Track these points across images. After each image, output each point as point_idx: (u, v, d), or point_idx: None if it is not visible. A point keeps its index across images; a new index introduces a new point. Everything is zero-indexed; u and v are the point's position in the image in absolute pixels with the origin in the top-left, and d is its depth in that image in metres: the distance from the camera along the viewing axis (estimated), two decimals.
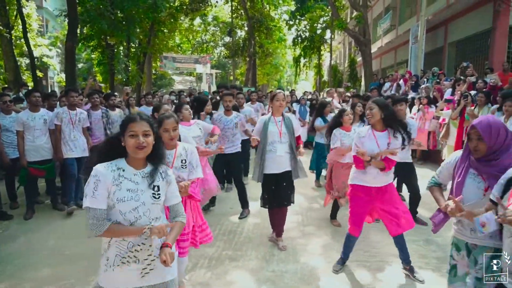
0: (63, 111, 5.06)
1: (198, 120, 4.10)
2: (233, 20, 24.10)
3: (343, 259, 3.49)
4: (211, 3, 21.68)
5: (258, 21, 22.42)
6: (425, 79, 10.85)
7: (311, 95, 12.25)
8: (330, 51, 26.93)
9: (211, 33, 30.92)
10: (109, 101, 6.33)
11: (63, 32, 20.14)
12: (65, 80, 11.27)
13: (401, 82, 11.12)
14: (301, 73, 31.62)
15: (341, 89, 12.02)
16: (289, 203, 3.92)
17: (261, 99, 10.54)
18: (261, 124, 3.85)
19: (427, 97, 7.90)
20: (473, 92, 7.00)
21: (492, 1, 10.68)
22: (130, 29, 12.83)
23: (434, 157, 7.87)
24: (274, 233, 4.08)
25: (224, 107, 5.00)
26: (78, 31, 11.25)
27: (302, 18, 24.91)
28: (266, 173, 3.81)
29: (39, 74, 16.72)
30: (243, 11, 22.65)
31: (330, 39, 26.64)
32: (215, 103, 6.59)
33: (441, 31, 14.33)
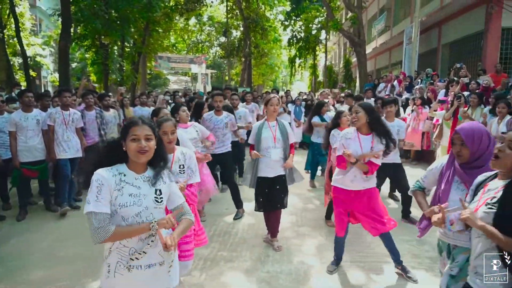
0: (56, 111, 5.02)
1: (196, 123, 4.09)
2: (228, 20, 24.09)
3: (336, 260, 3.51)
4: (206, 3, 21.66)
5: (254, 21, 22.43)
6: (419, 80, 10.94)
7: (306, 95, 12.28)
8: (325, 51, 27.07)
9: (206, 33, 30.92)
10: (103, 101, 6.32)
11: (56, 31, 19.99)
12: (58, 80, 11.19)
13: (395, 83, 11.18)
14: (296, 73, 31.77)
15: (336, 90, 12.07)
16: (283, 206, 3.94)
17: (256, 100, 10.55)
18: (255, 130, 3.88)
19: (421, 98, 7.96)
20: (466, 93, 7.07)
21: (485, 3, 10.79)
22: (124, 29, 12.77)
23: (427, 157, 7.94)
24: (269, 234, 4.10)
25: (214, 107, 4.99)
26: (72, 30, 11.18)
27: (298, 19, 25.02)
28: (260, 176, 3.84)
29: (32, 73, 16.59)
30: (238, 11, 22.65)
31: (325, 39, 26.79)
32: (211, 104, 6.57)
33: (435, 32, 14.44)
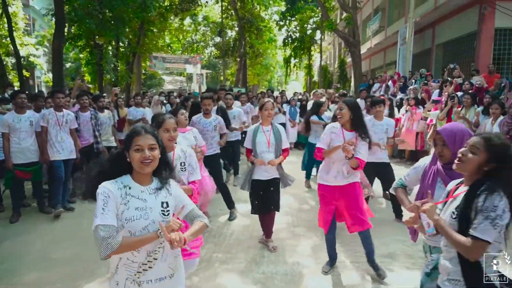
0: (49, 112, 4.99)
1: (194, 129, 4.05)
2: (223, 20, 24.06)
3: (331, 260, 3.52)
4: (201, 3, 21.60)
5: (249, 21, 22.41)
6: (413, 80, 11.01)
7: (301, 96, 12.30)
8: (320, 52, 27.12)
9: (201, 33, 30.84)
10: (98, 102, 6.28)
11: (50, 31, 19.83)
12: (52, 80, 11.10)
13: (389, 83, 11.25)
14: (291, 73, 31.82)
15: (331, 90, 12.11)
16: (276, 208, 3.96)
17: (251, 100, 10.55)
18: (250, 134, 3.89)
19: (415, 98, 8.01)
20: (459, 94, 7.13)
21: (478, 4, 10.88)
22: (119, 29, 12.69)
23: (422, 157, 7.95)
24: (264, 234, 4.11)
25: (203, 110, 4.94)
26: (66, 30, 11.09)
27: (293, 19, 25.05)
28: (254, 179, 3.87)
29: (26, 73, 16.44)
30: (233, 11, 22.62)
31: (320, 40, 26.84)
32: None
33: (429, 33, 14.54)
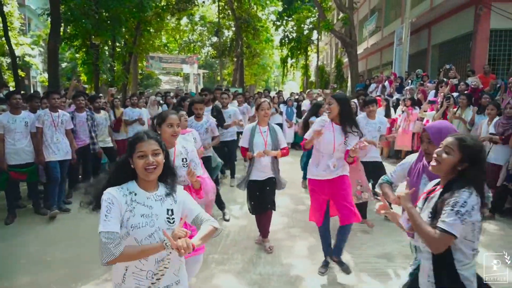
0: (44, 113, 4.96)
1: (194, 130, 4.03)
2: (220, 20, 24.02)
3: (326, 258, 3.51)
4: (197, 3, 21.55)
5: (245, 21, 22.40)
6: (409, 81, 11.04)
7: (298, 96, 12.31)
8: (317, 52, 27.14)
9: (198, 33, 30.76)
10: (94, 103, 6.25)
11: (46, 31, 19.72)
12: (47, 80, 11.03)
13: (386, 84, 11.29)
14: (288, 73, 31.80)
15: (327, 91, 12.11)
16: (273, 207, 3.97)
17: (248, 100, 10.54)
18: (247, 133, 3.89)
19: (411, 98, 8.04)
20: (455, 94, 7.16)
21: (473, 5, 10.94)
22: (115, 29, 12.64)
23: None
24: (261, 235, 4.11)
25: (194, 114, 4.91)
26: (62, 30, 11.03)
27: (289, 19, 25.09)
28: (251, 179, 3.88)
29: (21, 73, 16.35)
30: (230, 11, 22.60)
31: (317, 40, 26.86)
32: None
33: (425, 33, 14.59)
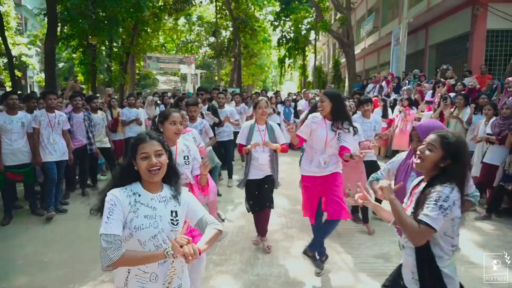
0: (41, 114, 4.94)
1: (194, 130, 4.02)
2: (218, 21, 24.00)
3: (320, 257, 3.47)
4: (195, 3, 21.53)
5: (243, 21, 22.37)
6: (406, 81, 11.07)
7: (296, 96, 12.30)
8: (315, 52, 27.18)
9: (195, 33, 30.74)
10: (91, 103, 6.23)
11: (42, 31, 19.65)
12: (44, 80, 10.99)
13: (383, 84, 11.31)
14: (286, 73, 31.83)
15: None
16: (271, 205, 3.97)
17: (246, 100, 10.54)
18: (246, 131, 3.88)
19: (408, 98, 8.05)
20: (452, 95, 7.18)
21: (470, 5, 10.98)
22: (112, 29, 12.60)
23: None
24: (259, 235, 4.11)
25: (188, 116, 4.89)
26: (59, 30, 10.99)
27: (287, 19, 25.09)
28: (249, 179, 3.88)
29: (18, 73, 16.29)
30: (227, 11, 22.58)
31: (315, 40, 26.87)
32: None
33: (422, 33, 14.64)
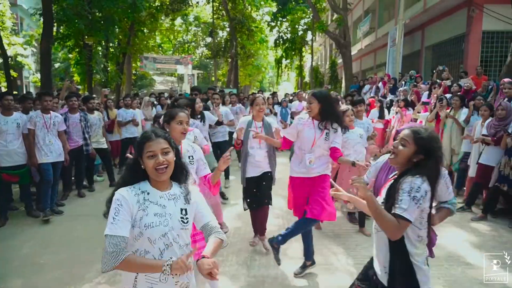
0: (36, 115, 4.92)
1: (196, 129, 4.02)
2: (215, 21, 23.98)
3: (307, 258, 3.51)
4: (192, 3, 21.50)
5: (240, 22, 22.37)
6: (403, 82, 11.11)
7: (292, 97, 12.32)
8: (311, 52, 27.23)
9: (192, 33, 30.69)
10: (87, 104, 6.21)
11: (38, 31, 19.51)
12: (40, 81, 10.93)
13: (380, 85, 11.35)
14: (283, 74, 31.85)
15: None
16: (269, 201, 3.96)
17: (242, 101, 10.53)
18: (243, 126, 3.87)
19: (405, 99, 8.07)
20: (448, 96, 7.20)
21: (466, 7, 11.04)
22: (108, 29, 12.56)
23: None
24: (256, 237, 4.10)
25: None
26: (55, 30, 10.93)
27: (284, 20, 25.09)
28: (247, 176, 3.88)
29: (13, 74, 16.14)
30: (224, 12, 22.57)
31: (311, 41, 26.93)
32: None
33: (418, 35, 14.70)
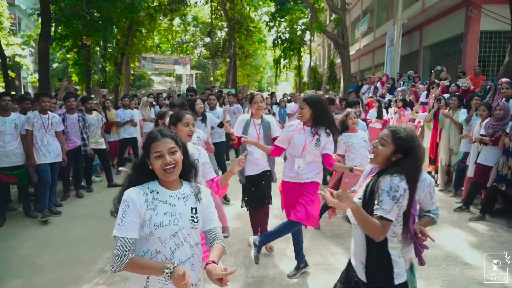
0: (34, 115, 4.91)
1: (199, 130, 4.01)
2: (213, 21, 23.96)
3: (299, 262, 3.49)
4: (190, 3, 21.48)
5: (238, 22, 22.36)
6: (401, 82, 11.13)
7: (291, 97, 12.32)
8: (310, 52, 27.23)
9: (190, 33, 30.67)
10: (86, 104, 6.20)
11: (36, 31, 19.49)
12: (38, 81, 10.90)
13: (378, 85, 11.36)
14: (281, 74, 31.85)
15: (320, 92, 12.15)
16: (270, 201, 3.97)
17: (241, 101, 10.53)
18: (242, 124, 3.87)
19: (403, 99, 8.08)
20: (446, 96, 7.22)
21: (464, 7, 11.07)
22: (107, 29, 12.54)
23: None
24: (259, 234, 4.09)
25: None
26: (53, 30, 10.90)
27: (282, 20, 25.11)
28: (246, 175, 3.89)
29: (11, 74, 16.14)
30: (223, 12, 22.56)
31: (310, 41, 26.93)
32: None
33: (416, 35, 14.73)
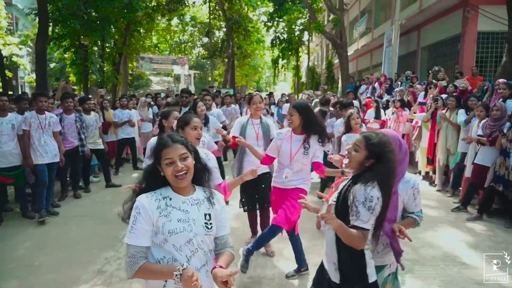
0: (31, 115, 4.89)
1: (204, 134, 4.00)
2: (211, 21, 23.96)
3: (299, 265, 3.44)
4: (188, 3, 21.47)
5: (236, 22, 22.36)
6: (399, 82, 11.15)
7: (289, 97, 12.32)
8: (308, 53, 27.27)
9: (189, 33, 30.65)
10: (84, 105, 6.18)
11: (34, 31, 19.45)
12: (35, 81, 10.87)
13: (376, 85, 11.38)
14: (279, 74, 31.86)
15: (318, 92, 12.16)
16: (270, 204, 3.91)
17: (239, 101, 10.53)
18: (239, 126, 3.86)
19: (401, 100, 8.10)
20: (444, 96, 7.24)
21: (461, 7, 11.10)
22: (104, 29, 12.51)
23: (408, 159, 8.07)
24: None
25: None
26: (50, 30, 10.88)
27: (280, 20, 25.10)
28: None
29: (9, 74, 16.07)
30: (221, 12, 22.56)
31: (308, 41, 26.96)
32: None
33: (414, 35, 14.76)
